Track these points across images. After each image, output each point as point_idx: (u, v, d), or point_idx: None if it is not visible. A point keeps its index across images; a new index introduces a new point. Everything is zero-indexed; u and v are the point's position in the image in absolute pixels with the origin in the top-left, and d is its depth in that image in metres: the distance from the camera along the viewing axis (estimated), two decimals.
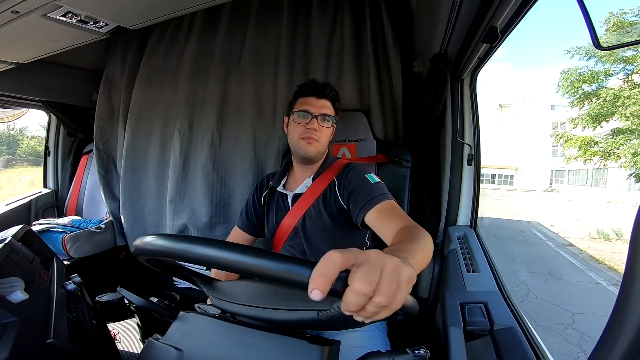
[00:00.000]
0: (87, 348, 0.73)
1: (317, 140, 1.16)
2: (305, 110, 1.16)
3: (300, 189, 1.21)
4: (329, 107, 1.20)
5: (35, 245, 0.97)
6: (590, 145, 12.73)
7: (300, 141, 1.16)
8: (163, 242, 0.53)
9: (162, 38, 1.91)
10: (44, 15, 1.00)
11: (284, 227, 1.21)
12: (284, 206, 1.23)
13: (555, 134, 14.92)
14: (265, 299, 0.65)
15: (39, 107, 2.18)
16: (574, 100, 12.63)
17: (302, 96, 1.20)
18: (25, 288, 0.71)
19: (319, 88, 1.20)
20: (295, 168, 1.28)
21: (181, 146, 1.81)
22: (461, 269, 1.09)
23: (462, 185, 1.44)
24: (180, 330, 0.69)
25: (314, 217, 1.17)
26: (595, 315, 4.00)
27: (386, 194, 1.04)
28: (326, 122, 1.18)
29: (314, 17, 1.73)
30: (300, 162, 1.23)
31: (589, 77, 12.00)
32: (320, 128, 1.16)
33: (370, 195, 1.03)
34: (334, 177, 1.19)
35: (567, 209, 15.35)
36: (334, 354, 0.61)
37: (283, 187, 1.25)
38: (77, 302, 0.87)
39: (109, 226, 1.96)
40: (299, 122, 1.16)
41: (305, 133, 1.15)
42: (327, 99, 1.20)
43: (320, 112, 1.16)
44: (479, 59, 1.23)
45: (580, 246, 7.90)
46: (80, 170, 2.26)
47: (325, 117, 1.17)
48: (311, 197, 1.18)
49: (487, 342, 0.75)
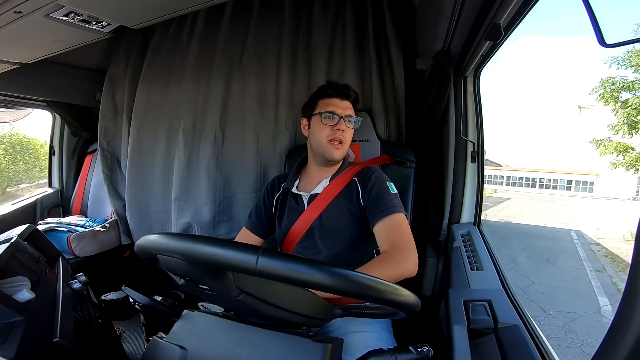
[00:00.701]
0: (92, 347, 0.74)
1: (344, 143, 1.17)
2: (332, 111, 1.16)
3: (317, 190, 1.20)
4: (352, 108, 1.21)
5: (41, 244, 0.98)
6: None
7: (328, 144, 1.16)
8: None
9: (165, 38, 1.91)
10: (47, 15, 1.00)
11: (297, 228, 1.20)
12: (299, 207, 1.22)
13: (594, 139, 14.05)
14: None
15: (43, 107, 2.19)
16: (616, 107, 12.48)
17: (325, 97, 1.20)
18: (32, 287, 0.72)
19: (342, 89, 1.20)
20: (311, 169, 1.27)
21: (185, 145, 1.81)
22: (465, 267, 1.08)
23: (465, 182, 1.44)
24: (184, 329, 0.69)
25: (331, 217, 1.17)
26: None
27: (400, 207, 1.09)
28: (351, 123, 1.18)
29: (316, 15, 1.72)
30: (322, 164, 1.22)
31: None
32: (347, 129, 1.17)
33: (388, 205, 1.08)
34: (354, 177, 1.19)
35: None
36: (337, 351, 0.62)
37: (297, 189, 1.24)
38: (82, 301, 0.87)
39: (114, 225, 1.97)
40: (326, 123, 1.16)
41: (333, 135, 1.15)
42: (350, 100, 1.20)
43: (345, 113, 1.17)
44: (482, 56, 1.22)
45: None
46: (85, 169, 2.27)
47: (351, 118, 1.18)
48: (328, 197, 1.18)
49: (491, 340, 0.75)
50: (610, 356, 0.39)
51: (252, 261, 0.48)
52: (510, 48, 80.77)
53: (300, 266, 0.49)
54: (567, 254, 7.54)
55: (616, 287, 5.85)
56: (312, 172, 1.26)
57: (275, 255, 0.49)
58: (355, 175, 1.19)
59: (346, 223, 1.15)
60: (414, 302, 0.59)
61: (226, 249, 0.50)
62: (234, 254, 0.50)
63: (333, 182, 1.19)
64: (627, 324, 0.37)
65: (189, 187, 1.82)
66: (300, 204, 1.22)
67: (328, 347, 0.60)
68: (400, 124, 1.65)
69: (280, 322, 0.65)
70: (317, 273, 0.49)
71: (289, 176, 1.30)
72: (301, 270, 0.48)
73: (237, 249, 0.49)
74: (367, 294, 0.53)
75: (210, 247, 0.51)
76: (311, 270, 0.49)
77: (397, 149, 1.50)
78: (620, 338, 0.38)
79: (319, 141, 1.18)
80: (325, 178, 1.21)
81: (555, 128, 6.31)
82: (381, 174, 1.19)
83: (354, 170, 1.21)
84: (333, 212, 1.17)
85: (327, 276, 0.49)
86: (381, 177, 1.17)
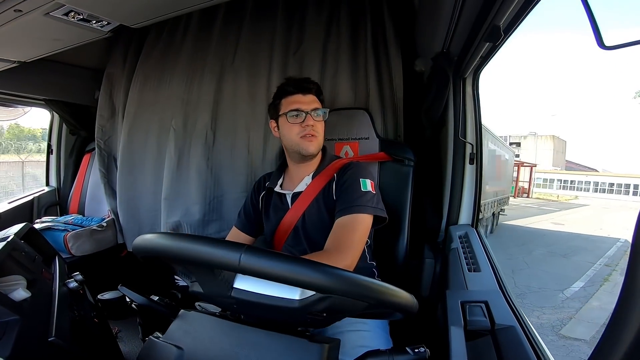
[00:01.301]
0: (88, 346, 0.74)
1: (317, 136, 1.17)
2: (297, 109, 1.16)
3: (299, 188, 1.21)
4: (316, 100, 1.20)
5: (37, 243, 0.98)
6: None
7: (301, 140, 1.16)
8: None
9: (159, 38, 1.91)
10: (47, 14, 1.00)
11: (284, 227, 1.21)
12: (282, 206, 1.23)
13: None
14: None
15: (42, 105, 2.19)
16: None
17: (286, 95, 1.20)
18: (28, 286, 0.72)
19: (302, 84, 1.19)
20: (291, 167, 1.27)
21: (176, 144, 1.80)
22: (462, 268, 1.09)
23: (463, 184, 1.44)
24: (180, 329, 0.69)
25: (314, 215, 1.17)
26: None
27: (364, 207, 1.06)
28: (319, 116, 1.18)
29: (310, 14, 1.72)
30: (299, 160, 1.22)
31: None
32: (316, 123, 1.17)
33: (352, 202, 1.07)
34: (335, 174, 1.19)
35: None
36: (333, 352, 0.62)
37: (280, 187, 1.25)
38: (78, 300, 0.87)
39: (111, 224, 1.96)
40: (294, 122, 1.16)
41: (303, 131, 1.15)
42: (312, 93, 1.20)
43: (311, 107, 1.17)
44: (482, 58, 1.23)
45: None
46: (83, 168, 2.27)
47: (317, 111, 1.17)
48: (310, 195, 1.18)
49: (488, 341, 0.75)
50: (607, 357, 0.39)
51: (236, 258, 0.50)
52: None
53: (297, 266, 0.49)
54: (590, 252, 7.88)
55: (605, 278, 6.17)
56: (292, 171, 1.27)
57: (264, 255, 0.50)
58: (337, 171, 1.19)
59: (326, 220, 1.15)
60: (411, 304, 0.59)
61: (210, 246, 0.52)
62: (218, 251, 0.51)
63: (315, 179, 1.19)
64: (625, 324, 0.38)
65: (179, 186, 1.82)
66: (284, 203, 1.23)
67: (325, 347, 0.60)
68: (398, 125, 1.65)
69: (276, 323, 0.65)
70: (316, 274, 0.49)
71: (272, 175, 1.31)
72: (297, 270, 0.49)
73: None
74: (365, 294, 0.53)
75: (195, 245, 0.52)
76: (310, 271, 0.49)
77: (396, 147, 1.50)
78: (617, 338, 0.38)
79: (291, 140, 1.18)
80: (307, 175, 1.22)
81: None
82: (360, 169, 1.18)
83: (336, 165, 1.21)
84: (314, 209, 1.17)
85: (326, 277, 0.49)
86: (357, 172, 1.15)
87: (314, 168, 1.23)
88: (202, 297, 0.68)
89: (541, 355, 0.68)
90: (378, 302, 0.54)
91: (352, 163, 1.22)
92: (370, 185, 1.12)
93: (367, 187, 1.11)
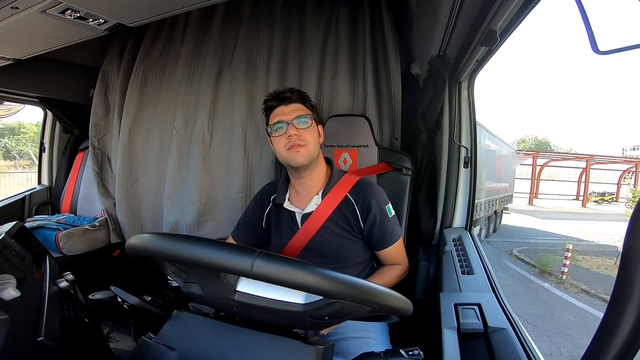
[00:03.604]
0: (78, 346, 0.73)
1: (304, 145, 1.09)
2: (278, 121, 1.11)
3: (309, 208, 1.15)
4: (301, 107, 1.13)
5: (28, 242, 0.96)
6: None
7: (287, 153, 1.10)
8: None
9: (158, 38, 1.91)
10: (43, 11, 0.99)
11: (293, 246, 1.15)
12: (292, 224, 1.17)
13: None
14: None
15: (36, 103, 2.16)
16: None
17: (271, 110, 1.15)
18: (17, 285, 0.71)
19: (281, 95, 1.14)
20: (295, 184, 1.20)
21: (177, 145, 1.82)
22: (456, 271, 1.09)
23: (458, 187, 1.45)
24: (173, 330, 0.68)
25: (327, 236, 1.12)
26: None
27: (398, 232, 1.17)
28: (303, 123, 1.10)
29: (308, 17, 1.73)
30: (296, 174, 1.16)
31: None
32: (300, 131, 1.09)
33: (390, 235, 1.13)
34: (347, 193, 1.14)
35: None
36: (328, 354, 0.61)
37: (289, 202, 1.18)
38: (69, 300, 0.86)
39: (104, 224, 1.94)
40: (278, 134, 1.11)
41: (288, 143, 1.09)
42: (294, 102, 1.13)
43: (293, 116, 1.10)
44: (477, 61, 1.24)
45: None
46: (76, 167, 2.24)
47: (300, 118, 1.10)
48: (322, 216, 1.13)
49: (481, 343, 0.76)
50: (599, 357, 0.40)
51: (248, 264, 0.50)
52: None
53: (298, 269, 0.49)
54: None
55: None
56: (297, 187, 1.20)
57: (272, 259, 0.50)
58: (350, 192, 1.14)
59: (342, 241, 1.12)
60: (405, 307, 0.59)
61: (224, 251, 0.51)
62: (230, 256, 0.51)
63: (326, 198, 1.14)
64: (615, 327, 0.38)
65: (179, 186, 1.83)
66: (294, 222, 1.17)
67: (320, 349, 0.60)
68: (395, 128, 1.65)
69: (272, 325, 0.65)
70: (312, 276, 0.49)
71: (278, 187, 1.23)
72: (298, 273, 0.49)
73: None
74: (360, 297, 0.53)
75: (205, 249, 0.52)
76: (307, 274, 0.49)
77: (395, 156, 1.49)
78: (608, 341, 0.39)
79: (280, 154, 1.13)
80: (315, 194, 1.16)
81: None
82: (379, 195, 1.15)
83: (347, 183, 1.16)
84: (328, 231, 1.12)
85: (323, 279, 0.50)
86: (380, 202, 1.13)
87: (320, 184, 1.17)
88: (200, 299, 0.67)
89: (532, 356, 0.69)
90: (374, 304, 0.55)
91: (368, 184, 1.17)
92: (391, 208, 1.16)
93: (391, 213, 1.15)
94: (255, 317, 0.66)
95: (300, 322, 0.63)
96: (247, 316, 0.67)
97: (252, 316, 0.66)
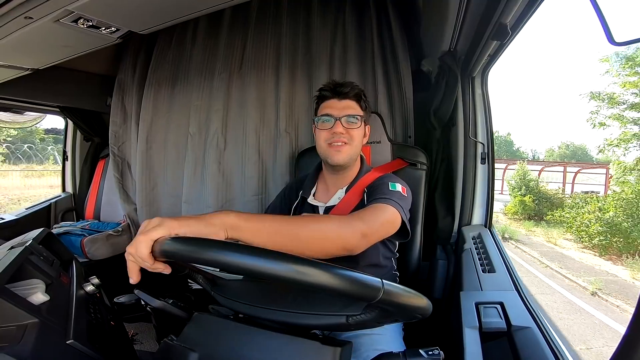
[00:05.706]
0: (105, 349, 0.75)
1: (347, 144, 1.09)
2: (327, 114, 1.10)
3: (332, 201, 1.15)
4: (354, 106, 1.12)
5: (55, 247, 1.00)
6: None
7: (328, 149, 1.10)
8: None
9: (168, 45, 1.95)
10: (57, 20, 1.02)
11: None
12: None
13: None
14: (280, 300, 0.66)
15: (56, 112, 2.24)
16: None
17: (323, 100, 1.14)
18: (46, 290, 0.73)
19: (338, 88, 1.12)
20: (326, 176, 1.20)
21: (193, 150, 1.86)
22: (476, 269, 1.07)
23: (475, 184, 1.42)
24: (194, 332, 0.70)
25: None
26: None
27: (392, 200, 0.97)
28: (352, 123, 1.10)
29: (315, 19, 1.74)
30: (331, 170, 1.16)
31: None
32: (348, 130, 1.09)
33: (379, 195, 1.00)
34: (365, 187, 1.13)
35: None
36: (346, 355, 0.61)
37: (313, 197, 1.19)
38: (95, 304, 0.89)
39: (126, 229, 2.00)
40: (323, 127, 1.10)
41: (331, 138, 1.09)
42: (350, 98, 1.12)
43: (343, 113, 1.09)
44: (490, 56, 1.21)
45: None
46: (98, 174, 2.31)
47: (350, 117, 1.09)
48: (343, 211, 1.10)
49: (504, 343, 0.74)
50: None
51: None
52: None
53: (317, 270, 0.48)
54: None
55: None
56: (327, 180, 1.20)
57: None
58: (367, 187, 1.12)
59: None
60: (425, 306, 0.58)
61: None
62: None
63: (349, 193, 1.13)
64: None
65: (196, 190, 1.87)
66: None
67: (337, 350, 0.60)
68: (407, 125, 1.63)
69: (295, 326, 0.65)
70: (331, 279, 0.49)
71: (305, 182, 1.24)
72: (318, 274, 0.48)
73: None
74: (380, 297, 0.52)
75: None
76: (328, 275, 0.48)
77: (408, 151, 1.47)
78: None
79: (320, 146, 1.13)
80: (340, 188, 1.15)
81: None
82: (389, 177, 1.14)
83: (367, 180, 1.14)
84: None
85: (341, 281, 0.49)
86: (386, 178, 1.11)
87: (349, 179, 1.16)
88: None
89: (560, 355, 0.67)
90: (393, 304, 0.53)
91: (385, 176, 1.16)
92: (400, 187, 1.07)
93: (395, 187, 1.05)
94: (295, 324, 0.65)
95: (343, 328, 0.63)
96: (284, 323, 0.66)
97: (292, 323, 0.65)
